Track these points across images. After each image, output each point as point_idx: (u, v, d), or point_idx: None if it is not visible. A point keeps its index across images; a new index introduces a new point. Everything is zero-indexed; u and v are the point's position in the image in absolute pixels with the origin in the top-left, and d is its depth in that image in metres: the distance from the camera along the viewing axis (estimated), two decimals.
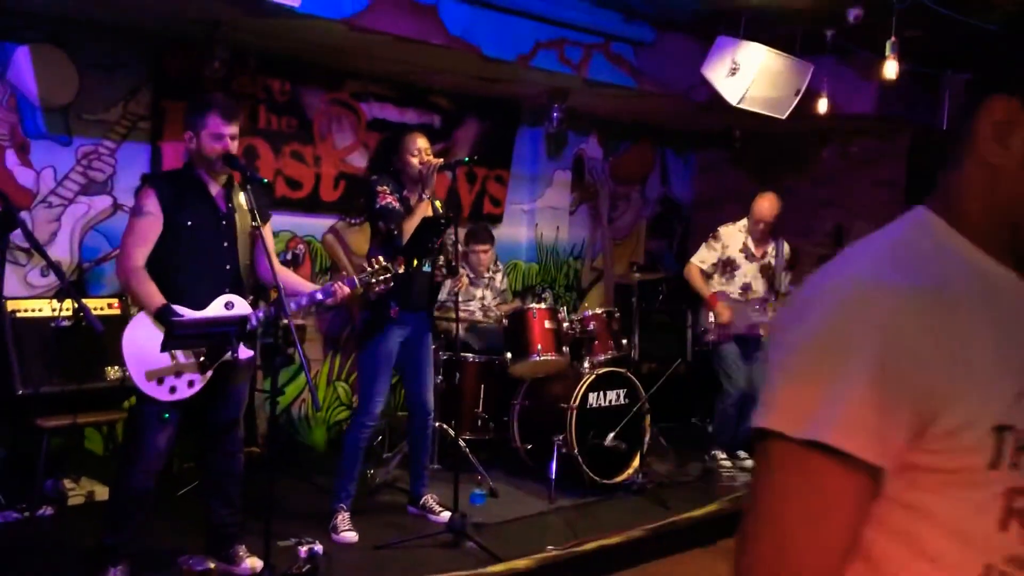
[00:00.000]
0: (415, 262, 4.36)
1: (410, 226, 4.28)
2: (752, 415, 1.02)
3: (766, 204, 5.78)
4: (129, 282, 3.46)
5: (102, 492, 4.46)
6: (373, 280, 3.84)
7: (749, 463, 5.88)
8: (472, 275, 5.81)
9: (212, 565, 3.65)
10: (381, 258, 3.93)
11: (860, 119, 6.40)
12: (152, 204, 3.45)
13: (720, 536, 4.70)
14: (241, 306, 3.55)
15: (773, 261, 5.90)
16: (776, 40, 5.24)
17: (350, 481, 4.42)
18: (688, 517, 4.84)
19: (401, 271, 4.28)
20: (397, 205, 4.29)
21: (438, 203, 4.52)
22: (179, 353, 3.42)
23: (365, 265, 3.91)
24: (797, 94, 5.47)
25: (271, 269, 3.52)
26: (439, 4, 4.75)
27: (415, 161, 4.32)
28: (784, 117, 5.54)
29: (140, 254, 3.44)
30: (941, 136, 6.16)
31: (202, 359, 3.46)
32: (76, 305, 3.59)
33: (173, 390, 3.43)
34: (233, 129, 3.50)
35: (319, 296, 3.67)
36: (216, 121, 3.46)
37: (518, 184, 6.96)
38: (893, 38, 4.56)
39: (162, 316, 3.37)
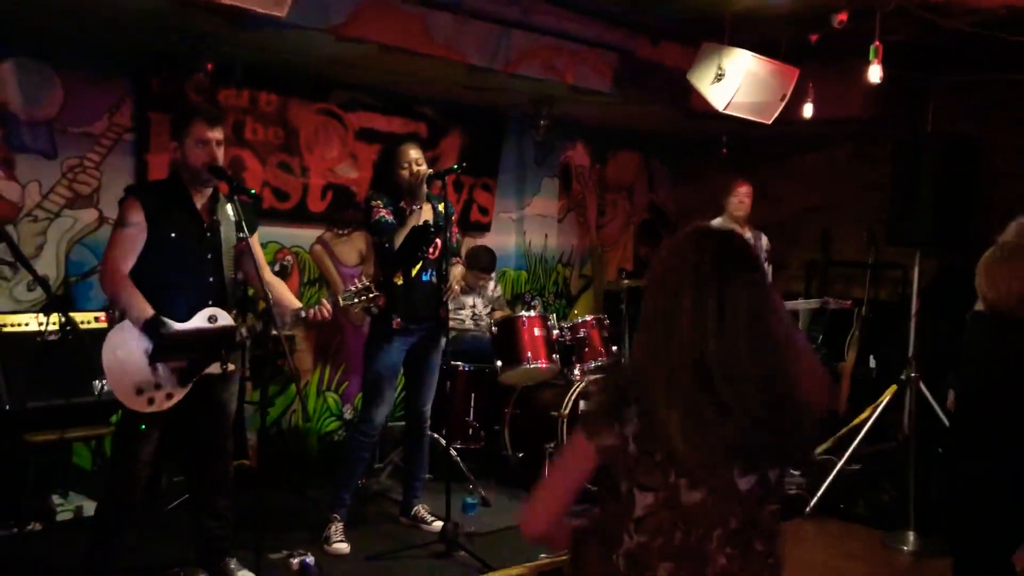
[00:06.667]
0: (412, 272, 4.36)
1: (402, 235, 4.28)
2: None
3: (741, 189, 5.95)
4: (117, 293, 3.39)
5: (90, 508, 4.41)
6: (355, 300, 3.77)
7: None
8: (464, 284, 5.81)
9: None
10: (364, 278, 3.91)
11: (845, 123, 6.42)
12: (136, 215, 3.41)
13: None
14: (224, 320, 3.51)
15: None
16: (761, 46, 5.26)
17: (346, 491, 4.40)
18: None
19: (399, 282, 4.29)
20: (390, 218, 4.29)
21: (442, 206, 4.44)
22: (159, 365, 3.36)
23: (349, 285, 3.87)
24: (783, 99, 5.49)
25: (260, 280, 3.51)
26: (425, 13, 4.74)
27: (404, 173, 4.33)
28: (770, 122, 5.57)
29: (125, 265, 3.38)
30: (926, 140, 6.18)
31: (182, 371, 3.40)
32: (63, 319, 3.55)
33: (151, 401, 3.36)
34: (218, 134, 3.47)
35: (300, 315, 3.64)
36: (200, 127, 3.44)
37: (506, 192, 6.96)
38: (876, 43, 4.58)
39: (152, 327, 3.30)
